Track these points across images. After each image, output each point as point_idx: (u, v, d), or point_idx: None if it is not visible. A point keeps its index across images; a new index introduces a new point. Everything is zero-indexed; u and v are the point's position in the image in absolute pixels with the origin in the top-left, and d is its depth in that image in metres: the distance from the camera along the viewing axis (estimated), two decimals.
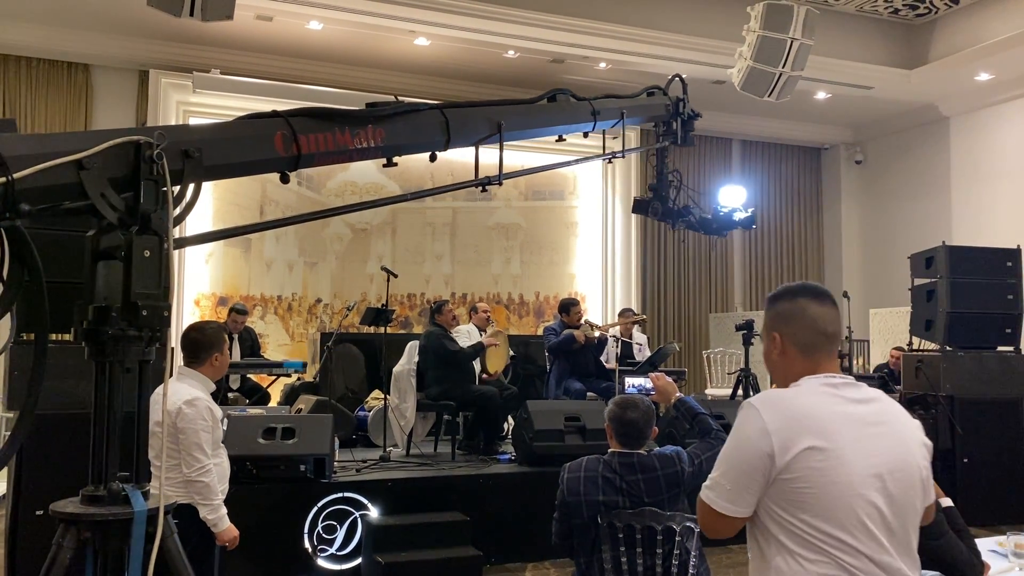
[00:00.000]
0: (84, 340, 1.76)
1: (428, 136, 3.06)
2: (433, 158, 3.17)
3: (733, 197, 6.00)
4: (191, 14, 4.93)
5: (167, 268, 1.79)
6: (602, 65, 9.95)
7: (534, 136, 3.89)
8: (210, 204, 10.04)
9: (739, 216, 5.89)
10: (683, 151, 12.46)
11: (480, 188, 3.37)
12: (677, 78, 5.57)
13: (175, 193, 1.88)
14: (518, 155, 10.43)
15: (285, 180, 2.46)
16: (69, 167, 1.67)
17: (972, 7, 9.99)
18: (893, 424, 1.88)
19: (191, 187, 1.96)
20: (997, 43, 9.63)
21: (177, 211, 1.90)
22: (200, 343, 3.38)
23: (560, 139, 4.03)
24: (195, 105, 9.90)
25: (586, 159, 5.12)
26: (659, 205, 5.65)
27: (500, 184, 3.40)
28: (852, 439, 1.79)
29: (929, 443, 1.95)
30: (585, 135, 4.36)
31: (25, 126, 9.40)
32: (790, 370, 1.97)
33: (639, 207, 5.88)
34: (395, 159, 2.91)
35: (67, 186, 1.69)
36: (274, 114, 2.39)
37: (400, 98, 3.08)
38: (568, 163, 4.52)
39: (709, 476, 1.92)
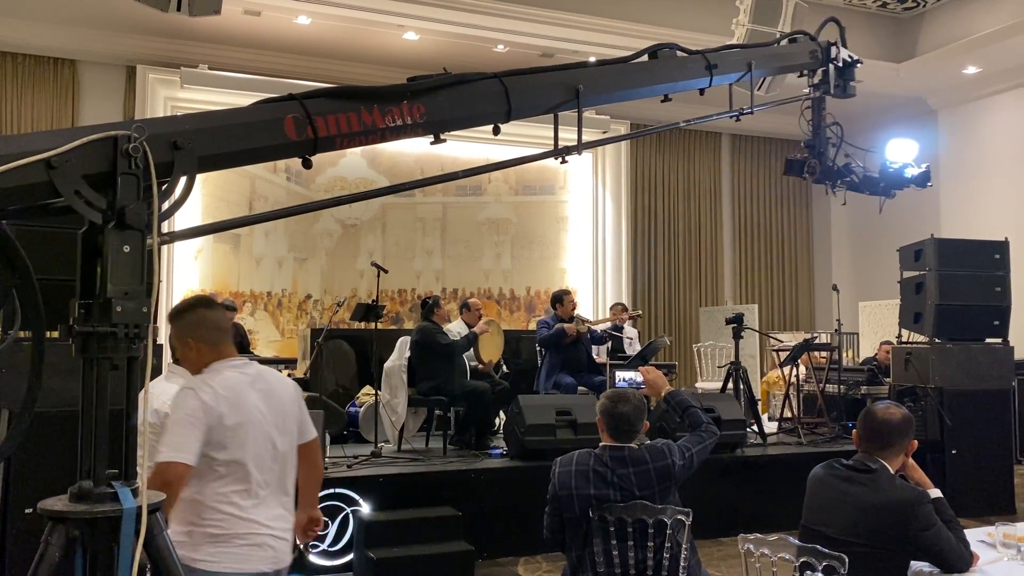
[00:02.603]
0: (69, 337, 1.74)
1: (483, 107, 2.78)
2: (496, 131, 2.88)
3: (903, 151, 5.30)
4: (178, 9, 4.87)
5: (149, 263, 1.77)
6: (592, 59, 9.92)
7: (625, 99, 3.52)
8: (199, 201, 10.00)
9: (911, 172, 5.23)
10: (668, 143, 12.51)
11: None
12: (832, 21, 5.01)
13: (166, 186, 1.85)
14: (517, 151, 10.42)
15: (307, 165, 2.34)
16: (38, 167, 1.65)
17: (960, 0, 10.03)
18: (274, 385, 2.78)
19: (183, 180, 1.93)
20: (985, 36, 9.68)
21: (166, 205, 1.88)
22: None
23: (666, 98, 3.68)
24: (183, 101, 9.85)
25: (709, 116, 4.28)
26: (817, 163, 5.09)
27: (579, 154, 3.09)
28: (253, 399, 2.63)
29: (300, 391, 2.93)
30: (701, 92, 3.92)
31: (11, 123, 9.34)
32: (203, 361, 2.69)
33: (792, 168, 5.24)
34: (443, 136, 2.67)
35: (38, 186, 1.66)
36: (289, 97, 2.27)
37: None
38: (690, 121, 3.96)
39: (161, 446, 2.49)
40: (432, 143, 2.66)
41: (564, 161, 3.12)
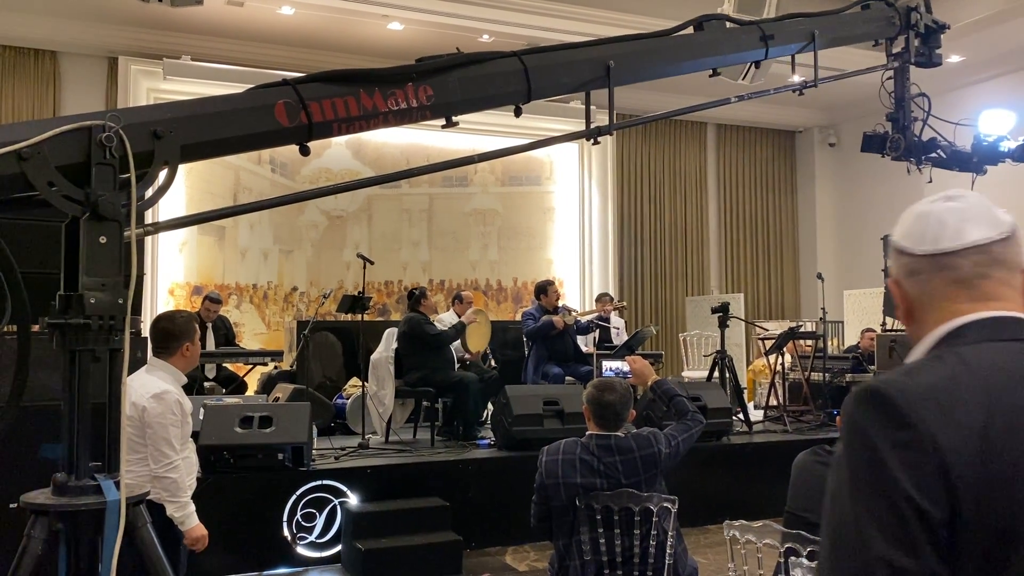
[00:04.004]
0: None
1: (499, 88, 2.61)
2: (517, 112, 2.72)
3: (998, 123, 4.93)
4: (159, 0, 4.81)
5: (127, 255, 1.75)
6: None
7: (665, 75, 3.27)
8: (183, 192, 9.93)
9: (1007, 146, 4.85)
10: (653, 133, 12.51)
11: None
12: None
13: (145, 176, 1.82)
14: (501, 141, 10.39)
15: (304, 152, 2.26)
16: (8, 159, 1.62)
17: None
18: None
19: (164, 169, 1.90)
20: (967, 25, 9.72)
21: (150, 192, 1.85)
22: (170, 333, 3.28)
23: (714, 73, 3.44)
24: (166, 92, 9.76)
25: (767, 91, 4.09)
26: (901, 138, 4.73)
27: (611, 135, 2.93)
28: None
29: None
30: (757, 64, 3.64)
31: None
32: None
33: (871, 144, 4.82)
34: (455, 119, 2.51)
35: (11, 178, 1.64)
36: (283, 82, 2.21)
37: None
38: (742, 96, 3.66)
39: None
40: (443, 127, 2.54)
41: (596, 142, 2.98)
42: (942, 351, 1.08)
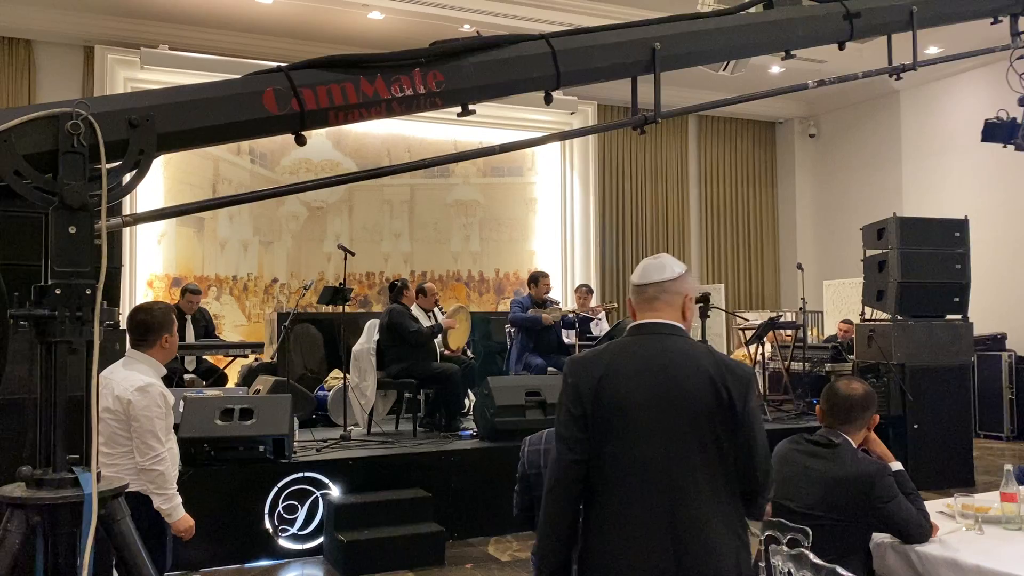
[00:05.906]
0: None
1: (521, 73, 2.40)
2: (548, 100, 2.52)
3: None
4: None
5: (96, 245, 1.72)
6: None
7: (722, 59, 2.99)
8: (161, 183, 9.83)
9: None
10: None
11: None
12: None
13: (118, 165, 1.79)
14: (484, 132, 10.37)
15: (300, 143, 2.17)
16: None
17: None
18: None
19: (139, 159, 1.86)
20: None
21: (127, 178, 1.82)
22: (148, 325, 3.25)
23: (787, 55, 3.17)
24: (143, 82, 9.63)
25: (864, 74, 3.77)
26: None
27: (657, 122, 2.70)
28: None
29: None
30: (841, 46, 3.27)
31: None
32: None
33: (995, 133, 4.45)
34: (471, 106, 2.34)
35: None
36: (276, 69, 2.11)
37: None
38: (826, 82, 3.34)
39: None
40: (459, 115, 2.38)
41: (643, 132, 2.78)
42: (622, 339, 2.17)
